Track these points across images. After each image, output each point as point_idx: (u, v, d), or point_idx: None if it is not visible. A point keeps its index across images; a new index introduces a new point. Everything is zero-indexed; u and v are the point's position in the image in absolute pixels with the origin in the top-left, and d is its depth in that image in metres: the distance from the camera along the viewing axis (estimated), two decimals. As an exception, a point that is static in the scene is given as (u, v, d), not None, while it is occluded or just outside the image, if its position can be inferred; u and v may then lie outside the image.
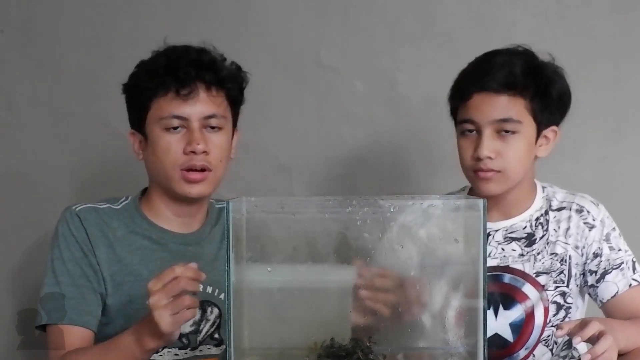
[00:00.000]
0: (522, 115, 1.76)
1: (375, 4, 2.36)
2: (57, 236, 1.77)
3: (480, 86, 1.76)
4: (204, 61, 1.77)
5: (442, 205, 1.49)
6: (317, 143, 2.39)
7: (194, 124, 1.74)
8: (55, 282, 1.73)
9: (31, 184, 2.43)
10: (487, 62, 1.80)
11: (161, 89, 1.74)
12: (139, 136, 1.80)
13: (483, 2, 2.33)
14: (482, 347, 1.42)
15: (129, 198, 1.85)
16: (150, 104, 1.75)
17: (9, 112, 2.43)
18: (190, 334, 1.80)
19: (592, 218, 1.84)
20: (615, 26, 2.29)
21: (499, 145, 1.76)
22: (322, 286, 1.46)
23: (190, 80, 1.73)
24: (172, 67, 1.74)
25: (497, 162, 1.76)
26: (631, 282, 1.81)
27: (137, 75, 1.79)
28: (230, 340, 1.42)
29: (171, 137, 1.74)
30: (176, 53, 1.77)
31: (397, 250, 1.48)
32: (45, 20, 2.41)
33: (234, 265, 1.41)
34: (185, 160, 1.73)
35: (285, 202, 1.48)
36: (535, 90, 1.77)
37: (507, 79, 1.75)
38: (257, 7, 2.38)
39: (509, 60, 1.78)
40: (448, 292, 1.50)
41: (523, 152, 1.78)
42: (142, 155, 1.81)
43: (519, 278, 1.83)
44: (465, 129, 1.79)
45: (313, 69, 2.37)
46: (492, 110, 1.75)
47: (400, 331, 1.50)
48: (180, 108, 1.74)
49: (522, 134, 1.76)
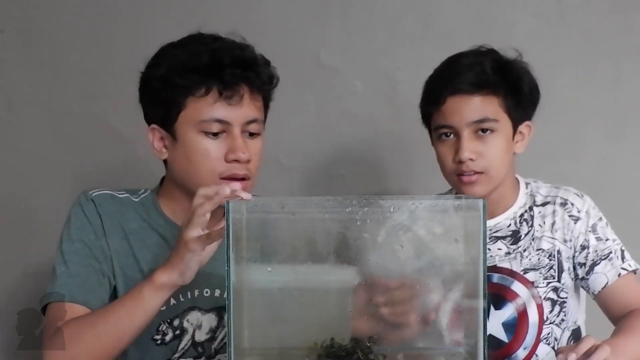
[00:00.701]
0: (497, 114, 1.77)
1: (375, 4, 2.36)
2: (70, 219, 1.69)
3: (453, 89, 1.76)
4: (248, 60, 1.65)
5: (442, 205, 1.49)
6: (317, 143, 2.39)
7: (235, 130, 1.62)
8: (63, 262, 1.65)
9: (31, 184, 2.43)
10: (454, 64, 1.80)
11: (202, 88, 1.60)
12: (163, 133, 1.66)
13: (483, 2, 2.33)
14: (482, 347, 1.42)
15: (147, 191, 1.76)
16: (185, 102, 1.61)
17: (9, 112, 2.43)
18: (205, 342, 1.73)
19: (577, 210, 1.85)
20: (615, 26, 2.29)
21: (479, 146, 1.76)
22: (322, 286, 1.46)
23: (235, 82, 1.61)
24: (216, 66, 1.61)
25: (479, 163, 1.76)
26: (620, 272, 1.81)
27: (170, 67, 1.63)
28: (230, 340, 1.42)
29: (210, 143, 1.62)
30: (219, 47, 1.63)
31: (397, 250, 1.48)
32: (45, 20, 2.41)
33: (234, 265, 1.41)
34: (227, 168, 1.62)
35: (285, 202, 1.48)
36: (507, 87, 1.77)
37: (478, 78, 1.76)
38: (257, 7, 2.38)
39: (477, 61, 1.78)
40: (448, 292, 1.50)
41: (503, 150, 1.78)
42: (167, 155, 1.68)
43: (507, 276, 1.83)
44: (442, 134, 1.80)
45: (313, 69, 2.37)
46: (467, 112, 1.76)
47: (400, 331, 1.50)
48: (223, 111, 1.61)
49: (500, 132, 1.77)
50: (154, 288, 1.50)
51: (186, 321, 1.71)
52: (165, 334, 1.70)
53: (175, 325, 1.70)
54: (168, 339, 1.70)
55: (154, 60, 1.68)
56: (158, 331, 1.69)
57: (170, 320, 1.70)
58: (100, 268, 1.66)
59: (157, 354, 1.69)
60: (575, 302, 1.87)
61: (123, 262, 1.69)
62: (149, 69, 1.67)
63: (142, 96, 1.70)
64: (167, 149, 1.67)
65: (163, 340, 1.70)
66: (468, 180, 1.77)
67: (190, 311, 1.72)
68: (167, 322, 1.70)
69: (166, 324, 1.70)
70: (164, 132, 1.66)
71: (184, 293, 1.70)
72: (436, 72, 1.84)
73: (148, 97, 1.68)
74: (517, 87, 1.79)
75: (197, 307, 1.72)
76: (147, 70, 1.68)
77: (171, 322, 1.70)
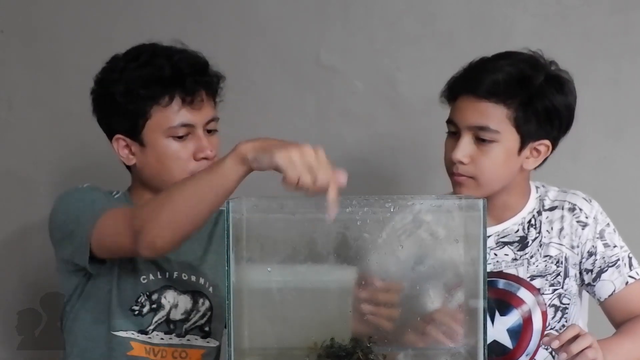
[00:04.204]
0: (501, 125, 1.72)
1: (375, 4, 2.36)
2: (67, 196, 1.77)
3: (466, 89, 1.75)
4: (201, 65, 1.79)
5: (442, 205, 1.49)
6: (317, 143, 2.38)
7: (199, 131, 1.77)
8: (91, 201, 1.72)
9: (31, 184, 2.43)
10: (481, 64, 1.78)
11: (165, 97, 1.74)
12: (128, 141, 1.79)
13: (483, 2, 2.33)
14: (482, 347, 1.42)
15: (119, 192, 1.87)
16: (150, 112, 1.75)
17: (9, 112, 2.43)
18: (178, 321, 1.83)
19: (585, 216, 1.82)
20: (615, 26, 2.29)
21: (475, 152, 1.74)
22: (322, 286, 1.46)
23: (196, 89, 1.75)
24: (178, 76, 1.74)
25: (469, 168, 1.74)
26: (628, 280, 1.80)
27: (131, 81, 1.75)
28: (230, 340, 1.42)
29: (179, 145, 1.76)
30: (178, 59, 1.76)
31: (397, 250, 1.48)
32: (45, 20, 2.41)
33: (234, 265, 1.41)
34: (197, 166, 1.75)
35: (285, 202, 1.48)
36: (520, 100, 1.73)
37: (490, 85, 1.72)
38: (257, 7, 2.38)
39: (501, 67, 1.74)
40: (448, 292, 1.50)
41: (499, 162, 1.75)
42: (135, 160, 1.80)
43: (513, 283, 1.81)
44: (449, 129, 1.79)
45: (313, 69, 2.37)
46: (471, 116, 1.74)
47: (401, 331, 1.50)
48: (187, 116, 1.75)
49: (501, 143, 1.73)
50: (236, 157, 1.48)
51: (164, 298, 1.82)
52: (143, 306, 1.80)
53: (153, 299, 1.81)
54: (145, 311, 1.81)
55: (108, 75, 1.79)
56: (137, 302, 1.80)
57: (149, 294, 1.81)
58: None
59: (133, 324, 1.80)
60: (577, 307, 1.85)
61: None
62: (106, 85, 1.78)
63: (101, 110, 1.82)
64: (134, 155, 1.79)
65: (140, 311, 1.80)
66: (458, 180, 1.76)
67: (167, 289, 1.82)
68: (146, 295, 1.80)
69: (145, 296, 1.80)
70: (129, 140, 1.79)
71: (162, 272, 1.82)
72: (465, 66, 1.81)
73: (109, 111, 1.79)
74: (531, 103, 1.73)
75: (173, 287, 1.83)
76: (103, 86, 1.80)
77: (150, 296, 1.81)
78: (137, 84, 1.74)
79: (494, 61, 1.77)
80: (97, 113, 1.84)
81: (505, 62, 1.76)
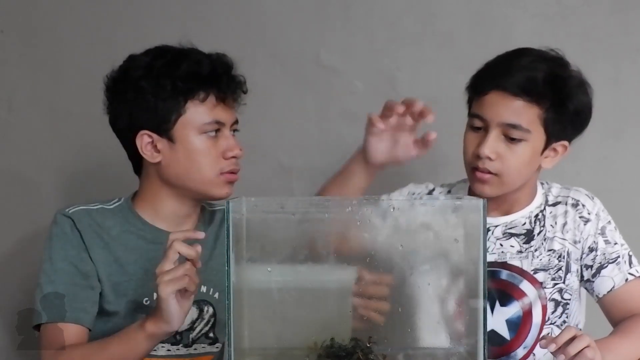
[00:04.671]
0: (532, 124, 1.73)
1: (375, 4, 2.36)
2: (51, 238, 1.78)
3: (498, 84, 1.73)
4: (230, 67, 1.81)
5: (442, 205, 1.49)
6: (317, 143, 2.39)
7: (227, 130, 1.79)
8: (49, 281, 1.74)
9: (31, 184, 2.43)
10: (512, 60, 1.76)
11: (201, 93, 1.75)
12: (155, 137, 1.76)
13: (483, 2, 2.33)
14: (482, 347, 1.42)
15: (121, 199, 1.85)
16: (185, 107, 1.75)
17: (9, 112, 2.43)
18: (184, 331, 1.81)
19: (588, 212, 1.84)
20: (615, 26, 2.29)
21: (503, 148, 1.73)
22: (322, 286, 1.46)
23: (230, 88, 1.78)
24: (214, 73, 1.76)
25: (496, 165, 1.74)
26: (628, 277, 1.80)
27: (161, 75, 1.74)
28: (230, 340, 1.42)
29: (210, 142, 1.76)
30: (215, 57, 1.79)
31: (397, 250, 1.48)
32: (45, 20, 2.41)
33: (234, 265, 1.41)
34: (227, 164, 1.78)
35: (285, 202, 1.48)
36: (553, 100, 1.73)
37: (527, 83, 1.72)
38: (257, 7, 2.38)
39: (534, 64, 1.74)
40: (447, 292, 1.50)
41: (525, 161, 1.75)
42: (161, 157, 1.77)
43: (517, 275, 1.82)
44: (474, 124, 1.77)
45: (313, 69, 2.37)
46: (503, 112, 1.73)
47: (400, 331, 1.50)
48: (220, 114, 1.77)
49: (529, 142, 1.74)
50: (145, 336, 1.60)
51: None
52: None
53: None
54: None
55: (133, 71, 1.76)
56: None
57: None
58: (88, 283, 1.75)
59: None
60: (577, 304, 1.86)
61: (108, 270, 1.77)
62: (132, 80, 1.75)
63: (121, 107, 1.78)
64: (159, 153, 1.76)
65: None
66: (480, 177, 1.75)
67: None
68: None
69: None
70: (156, 137, 1.76)
71: None
72: (494, 60, 1.79)
73: (135, 107, 1.76)
74: (564, 103, 1.74)
75: None
76: (127, 81, 1.77)
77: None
78: (172, 78, 1.74)
79: (527, 56, 1.76)
80: (114, 110, 1.80)
81: (539, 59, 1.75)
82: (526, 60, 1.75)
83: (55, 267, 1.74)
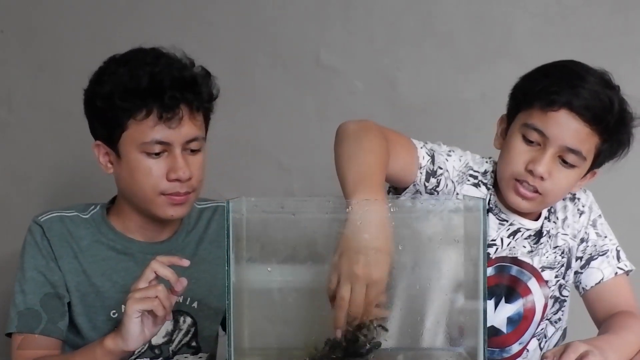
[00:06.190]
0: (589, 153, 1.68)
1: (375, 4, 2.36)
2: (24, 246, 1.77)
3: (572, 105, 1.65)
4: (187, 80, 1.67)
5: (442, 206, 1.49)
6: (317, 143, 2.39)
7: (176, 150, 1.66)
8: (20, 290, 1.72)
9: (31, 184, 2.43)
10: (584, 80, 1.68)
11: (142, 110, 1.63)
12: (107, 149, 1.70)
13: (483, 2, 2.33)
14: (482, 347, 1.42)
15: (97, 206, 1.80)
16: (127, 124, 1.65)
17: (9, 112, 2.43)
18: (163, 345, 1.77)
19: (582, 204, 1.84)
20: (615, 26, 2.29)
21: (556, 170, 1.67)
22: (322, 286, 1.46)
23: (175, 105, 1.64)
24: (156, 89, 1.63)
25: (545, 185, 1.68)
26: (617, 271, 1.80)
27: (113, 88, 1.66)
28: (230, 340, 1.42)
29: (152, 162, 1.66)
30: (159, 70, 1.65)
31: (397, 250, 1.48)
32: (45, 20, 2.41)
33: (234, 265, 1.41)
34: (169, 187, 1.67)
35: (285, 202, 1.47)
36: (612, 133, 1.69)
37: (601, 114, 1.66)
38: (257, 7, 2.38)
39: (607, 94, 1.68)
40: (447, 292, 1.50)
41: (570, 185, 1.71)
42: (113, 170, 1.72)
43: (527, 272, 1.79)
44: (529, 137, 1.68)
45: (313, 69, 2.38)
46: (569, 135, 1.65)
47: (400, 331, 1.50)
48: (163, 133, 1.64)
49: (579, 169, 1.69)
50: (103, 352, 1.56)
51: None
52: None
53: None
54: None
55: (98, 77, 1.71)
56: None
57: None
58: (56, 293, 1.72)
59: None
60: (569, 301, 1.86)
61: (75, 280, 1.74)
62: (94, 86, 1.71)
63: (87, 111, 1.75)
64: (112, 165, 1.72)
65: None
66: (524, 193, 1.69)
67: None
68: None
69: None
70: (108, 149, 1.71)
71: None
72: (559, 72, 1.70)
73: (93, 114, 1.72)
74: (620, 140, 1.70)
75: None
76: (91, 87, 1.73)
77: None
78: (116, 92, 1.65)
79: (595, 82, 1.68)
80: (85, 114, 1.76)
81: (608, 89, 1.69)
82: (596, 85, 1.68)
83: (26, 276, 1.73)
